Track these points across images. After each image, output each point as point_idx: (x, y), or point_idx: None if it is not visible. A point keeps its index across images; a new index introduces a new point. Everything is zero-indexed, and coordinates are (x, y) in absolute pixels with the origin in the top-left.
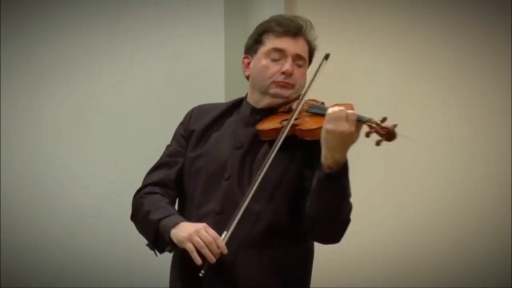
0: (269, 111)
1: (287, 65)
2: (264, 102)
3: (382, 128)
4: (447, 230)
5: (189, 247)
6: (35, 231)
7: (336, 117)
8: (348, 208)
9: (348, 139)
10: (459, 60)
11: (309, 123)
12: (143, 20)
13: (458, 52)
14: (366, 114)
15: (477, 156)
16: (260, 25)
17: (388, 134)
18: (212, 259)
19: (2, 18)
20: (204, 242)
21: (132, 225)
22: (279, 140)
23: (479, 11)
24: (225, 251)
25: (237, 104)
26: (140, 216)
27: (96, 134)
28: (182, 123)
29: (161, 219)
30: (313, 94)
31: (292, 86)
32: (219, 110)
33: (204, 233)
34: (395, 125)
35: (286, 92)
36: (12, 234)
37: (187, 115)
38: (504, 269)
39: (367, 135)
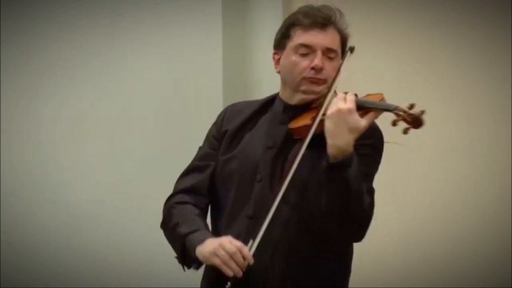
0: (303, 108)
1: (317, 60)
2: (296, 98)
3: (409, 115)
4: (447, 230)
5: (216, 261)
6: (35, 232)
7: (336, 100)
8: (360, 202)
9: (349, 121)
10: (459, 60)
11: None
12: (142, 21)
13: (458, 52)
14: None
15: (477, 156)
16: (288, 18)
17: (415, 122)
18: (238, 272)
19: (2, 18)
20: (229, 254)
21: (132, 226)
22: (306, 138)
23: (479, 11)
24: (251, 261)
25: (271, 101)
26: (169, 227)
27: (94, 135)
28: (214, 124)
29: (188, 234)
30: None
31: (323, 81)
32: (252, 108)
33: (228, 246)
34: (422, 112)
35: (318, 88)
36: (12, 234)
37: (219, 115)
38: (504, 269)
39: (394, 123)
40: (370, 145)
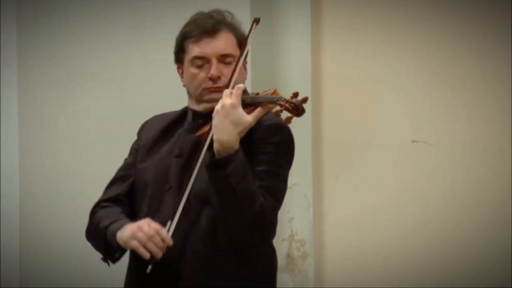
0: (210, 114)
1: (212, 70)
2: (201, 107)
3: (290, 104)
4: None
5: (134, 244)
6: (55, 238)
7: (223, 96)
8: (249, 202)
9: (232, 116)
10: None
11: None
12: (169, 24)
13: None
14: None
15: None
16: (180, 31)
17: (295, 109)
18: (157, 253)
19: (24, 23)
20: (147, 236)
21: None
22: (204, 143)
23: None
24: (170, 242)
25: (185, 112)
26: (91, 229)
27: (119, 142)
28: (137, 137)
29: (108, 225)
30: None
31: (224, 87)
32: (169, 119)
33: (146, 228)
34: (304, 99)
35: (219, 95)
36: (32, 239)
37: (140, 127)
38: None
39: (277, 113)
40: (275, 142)
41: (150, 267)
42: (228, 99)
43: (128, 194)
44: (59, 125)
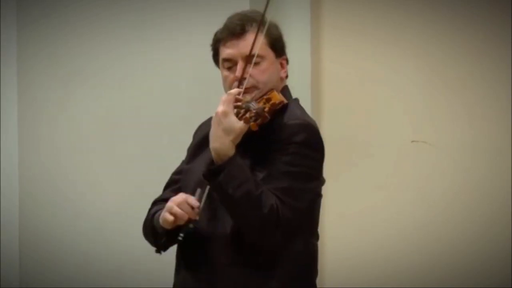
0: None
1: (236, 72)
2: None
3: (254, 109)
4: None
5: (163, 213)
6: (55, 238)
7: (220, 101)
8: (253, 207)
9: (223, 124)
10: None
11: None
12: (169, 24)
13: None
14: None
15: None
16: (214, 35)
17: (256, 115)
18: (183, 215)
19: (24, 23)
20: (175, 203)
21: None
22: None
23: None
24: (197, 204)
25: None
26: (145, 225)
27: (119, 142)
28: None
29: (154, 213)
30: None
31: (252, 88)
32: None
33: (176, 197)
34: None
35: (246, 97)
36: (31, 239)
37: (196, 128)
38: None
39: (238, 116)
40: (298, 142)
41: (181, 234)
42: (221, 106)
43: None
44: (59, 125)
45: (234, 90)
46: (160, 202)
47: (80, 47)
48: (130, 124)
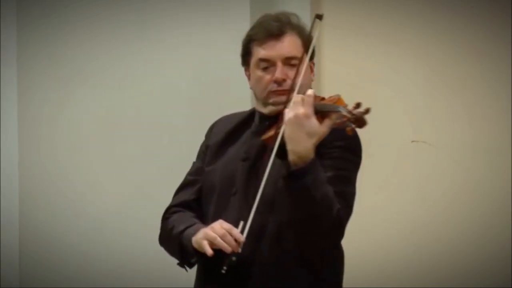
0: (276, 117)
1: (277, 73)
2: (268, 110)
3: (352, 115)
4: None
5: (204, 243)
6: (55, 238)
7: (294, 103)
8: (327, 208)
9: (306, 127)
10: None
11: None
12: (169, 24)
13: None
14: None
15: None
16: (246, 34)
17: (358, 121)
18: (226, 248)
19: (24, 23)
20: (218, 234)
21: (152, 236)
22: (272, 148)
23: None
24: (241, 239)
25: (253, 113)
26: (165, 234)
27: (119, 142)
28: (204, 138)
29: (183, 230)
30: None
31: (289, 91)
32: (237, 120)
33: (217, 227)
34: (366, 110)
35: (284, 99)
36: (31, 239)
37: (208, 129)
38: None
39: (338, 124)
40: (342, 147)
41: (225, 267)
42: (301, 108)
43: (196, 200)
44: (59, 125)
45: (312, 92)
46: (176, 207)
47: (80, 47)
48: (130, 124)
